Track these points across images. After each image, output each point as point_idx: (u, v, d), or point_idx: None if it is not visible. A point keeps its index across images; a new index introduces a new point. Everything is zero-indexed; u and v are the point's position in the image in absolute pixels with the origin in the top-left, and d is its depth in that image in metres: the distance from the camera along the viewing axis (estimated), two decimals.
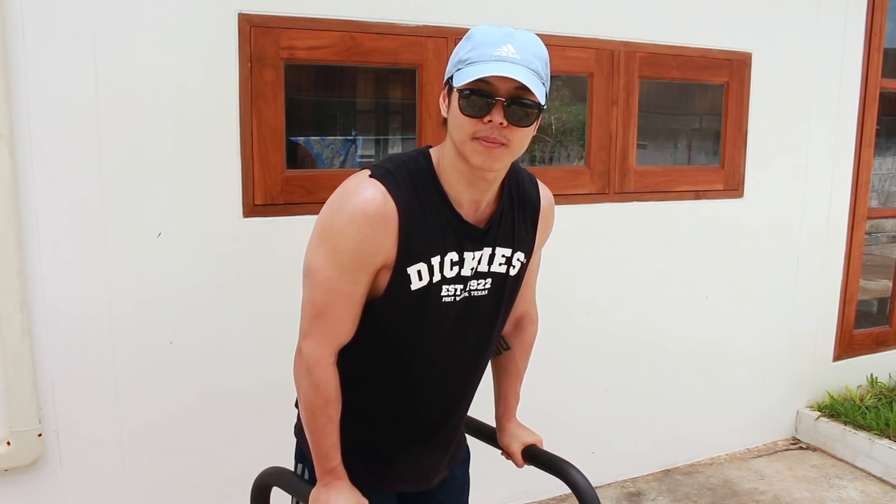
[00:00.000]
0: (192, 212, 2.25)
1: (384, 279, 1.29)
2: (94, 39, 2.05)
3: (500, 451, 1.66)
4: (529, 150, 3.34)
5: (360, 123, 3.27)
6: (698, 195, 3.19)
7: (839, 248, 3.68)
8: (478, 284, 1.37)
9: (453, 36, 2.55)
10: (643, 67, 2.96)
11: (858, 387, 3.80)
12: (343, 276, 1.26)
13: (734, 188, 3.28)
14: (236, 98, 2.25)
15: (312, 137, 3.03)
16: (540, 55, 1.23)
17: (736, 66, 3.17)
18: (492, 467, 1.72)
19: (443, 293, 1.33)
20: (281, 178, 2.35)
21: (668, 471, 3.31)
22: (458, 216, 1.30)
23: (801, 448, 3.59)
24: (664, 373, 3.23)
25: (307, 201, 2.38)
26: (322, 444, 1.35)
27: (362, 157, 3.16)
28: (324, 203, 1.30)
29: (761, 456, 3.50)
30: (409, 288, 1.29)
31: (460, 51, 1.25)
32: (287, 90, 2.33)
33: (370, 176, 1.26)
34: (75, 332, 2.14)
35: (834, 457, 3.47)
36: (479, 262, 1.35)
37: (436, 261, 1.29)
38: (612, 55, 2.88)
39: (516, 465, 1.63)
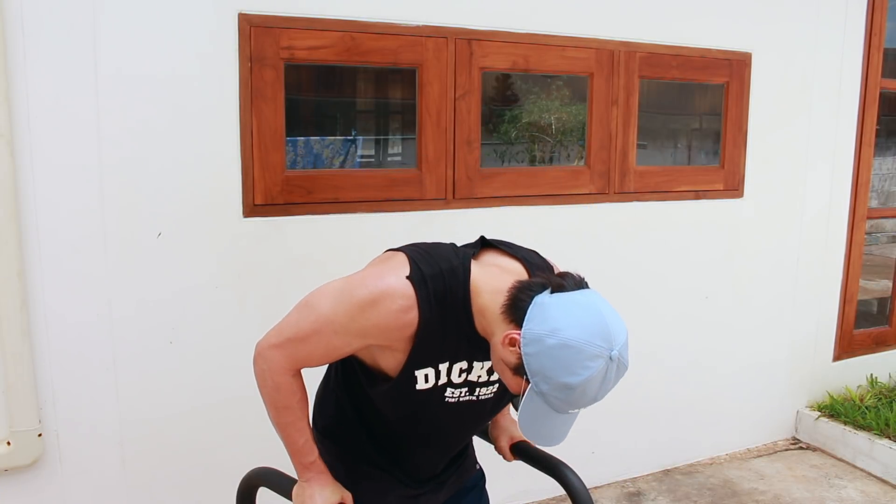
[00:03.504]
0: (192, 212, 2.25)
1: (389, 366, 1.30)
2: (94, 39, 2.05)
3: (494, 447, 1.68)
4: (530, 150, 3.35)
5: (360, 123, 3.27)
6: (698, 195, 3.19)
7: (839, 248, 3.68)
8: (486, 390, 1.39)
9: (453, 36, 2.55)
10: (643, 67, 2.96)
11: (858, 387, 3.80)
12: (339, 334, 1.27)
13: (734, 188, 3.28)
14: (236, 98, 2.25)
15: (312, 137, 3.03)
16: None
17: (736, 66, 3.17)
18: (491, 467, 1.73)
19: (447, 394, 1.35)
20: (281, 178, 2.35)
21: (668, 471, 3.31)
22: (477, 333, 1.29)
23: (801, 448, 3.59)
24: (664, 372, 3.23)
25: (307, 201, 2.37)
26: (296, 440, 1.37)
27: (362, 156, 3.16)
28: (323, 203, 1.30)
29: (761, 456, 3.50)
30: (415, 387, 1.31)
31: (557, 383, 1.15)
32: (287, 90, 2.33)
33: (407, 277, 1.24)
34: (75, 332, 2.14)
35: (834, 457, 3.47)
36: (489, 372, 1.36)
37: (444, 367, 1.31)
38: (611, 55, 2.88)
39: (505, 459, 1.66)
